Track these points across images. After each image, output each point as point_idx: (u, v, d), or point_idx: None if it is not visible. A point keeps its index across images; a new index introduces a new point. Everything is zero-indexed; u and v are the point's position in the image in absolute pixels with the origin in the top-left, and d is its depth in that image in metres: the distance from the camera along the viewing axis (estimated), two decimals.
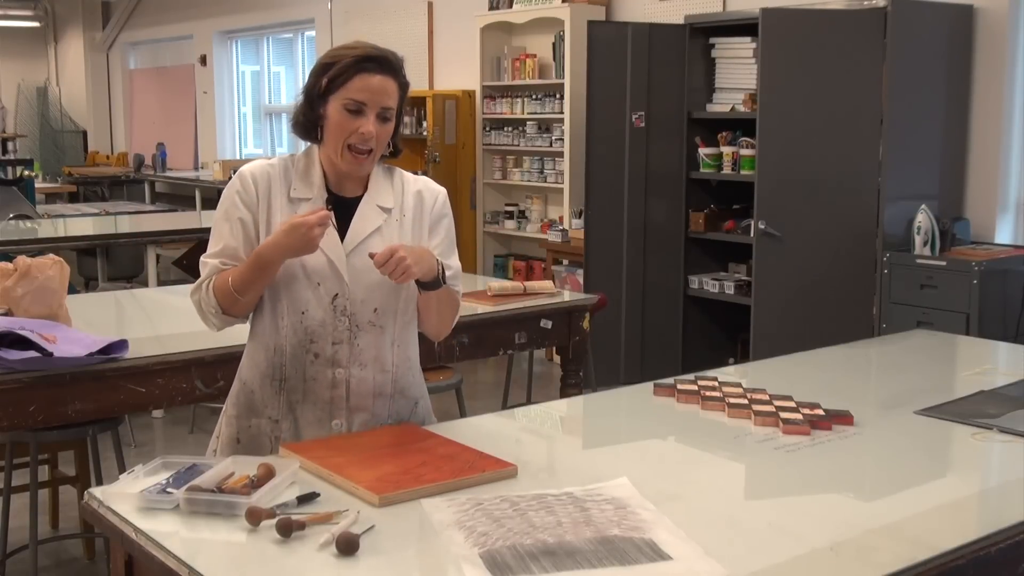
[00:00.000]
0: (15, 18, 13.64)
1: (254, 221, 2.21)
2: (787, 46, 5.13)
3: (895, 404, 2.63)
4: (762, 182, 5.22)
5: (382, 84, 2.16)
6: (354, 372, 2.24)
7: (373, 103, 2.15)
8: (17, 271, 3.08)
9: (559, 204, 7.15)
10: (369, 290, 2.21)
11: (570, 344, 4.03)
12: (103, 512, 1.87)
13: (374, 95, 2.15)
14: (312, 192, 2.23)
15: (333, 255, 2.19)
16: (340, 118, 2.15)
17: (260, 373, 2.26)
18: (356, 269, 2.20)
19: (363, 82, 2.14)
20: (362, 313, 2.22)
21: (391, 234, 2.24)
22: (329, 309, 2.20)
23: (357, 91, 2.14)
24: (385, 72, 2.17)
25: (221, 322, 2.24)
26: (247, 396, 2.29)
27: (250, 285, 2.16)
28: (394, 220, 2.26)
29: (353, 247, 2.21)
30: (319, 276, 2.19)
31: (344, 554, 1.66)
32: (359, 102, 2.14)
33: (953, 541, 1.75)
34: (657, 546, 1.70)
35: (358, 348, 2.23)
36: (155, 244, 6.29)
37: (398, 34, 8.34)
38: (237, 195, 2.22)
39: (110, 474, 3.45)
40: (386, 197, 2.27)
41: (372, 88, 2.14)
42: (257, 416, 2.27)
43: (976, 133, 5.15)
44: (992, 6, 5.04)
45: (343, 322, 2.21)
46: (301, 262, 2.17)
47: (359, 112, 2.14)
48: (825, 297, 5.17)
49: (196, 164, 11.79)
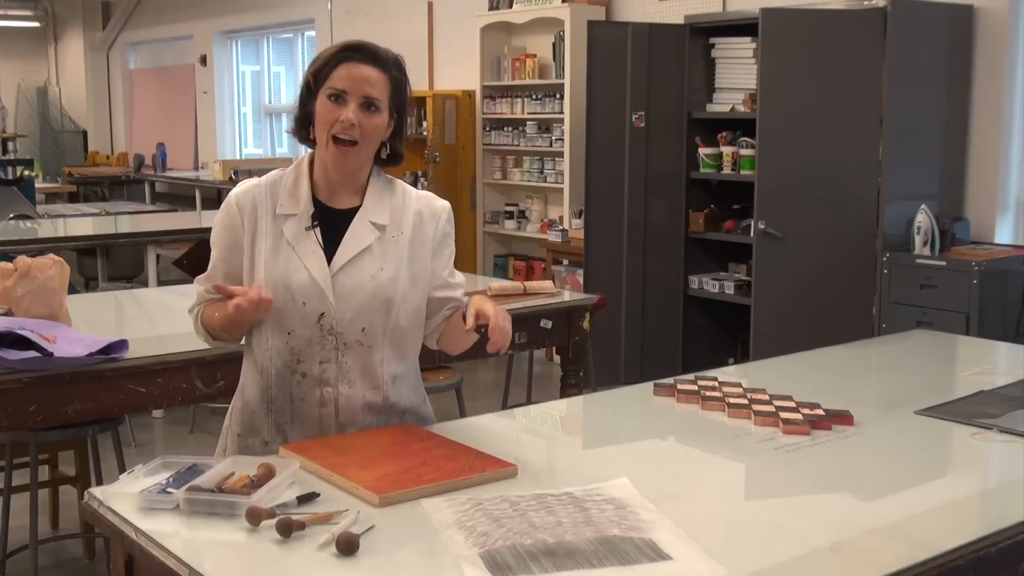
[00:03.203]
0: (15, 18, 13.65)
1: (239, 247, 2.19)
2: (787, 46, 5.13)
3: (895, 404, 2.63)
4: (762, 182, 5.22)
5: (363, 73, 2.12)
6: (342, 390, 2.20)
7: (355, 91, 2.11)
8: (17, 271, 3.08)
9: (559, 204, 7.15)
10: (357, 310, 2.16)
11: (570, 344, 4.03)
12: (103, 512, 1.87)
13: (355, 83, 2.11)
14: (299, 207, 2.18)
15: (318, 274, 2.15)
16: (323, 109, 2.12)
17: (259, 392, 2.24)
18: (344, 288, 2.16)
19: (345, 70, 2.11)
20: (349, 332, 2.17)
21: (384, 253, 2.18)
22: (315, 328, 2.16)
23: (339, 79, 2.11)
24: (369, 62, 2.13)
25: (214, 346, 2.32)
26: (249, 415, 2.26)
27: (223, 333, 2.23)
28: (389, 237, 2.20)
29: (341, 266, 2.16)
30: (304, 295, 2.15)
31: (344, 554, 1.66)
32: (340, 90, 2.11)
33: (953, 541, 1.75)
34: (657, 546, 1.70)
35: (346, 366, 2.19)
36: (155, 244, 6.29)
37: (398, 34, 8.35)
38: (223, 223, 2.22)
39: (110, 474, 3.45)
40: (382, 212, 2.21)
41: (353, 76, 2.11)
42: (256, 436, 2.25)
43: (976, 133, 5.15)
44: (992, 6, 5.04)
45: (330, 341, 2.17)
46: (285, 283, 2.15)
47: (341, 100, 2.11)
48: (825, 297, 5.17)
49: (196, 164, 11.79)
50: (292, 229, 2.17)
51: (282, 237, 2.17)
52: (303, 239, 2.17)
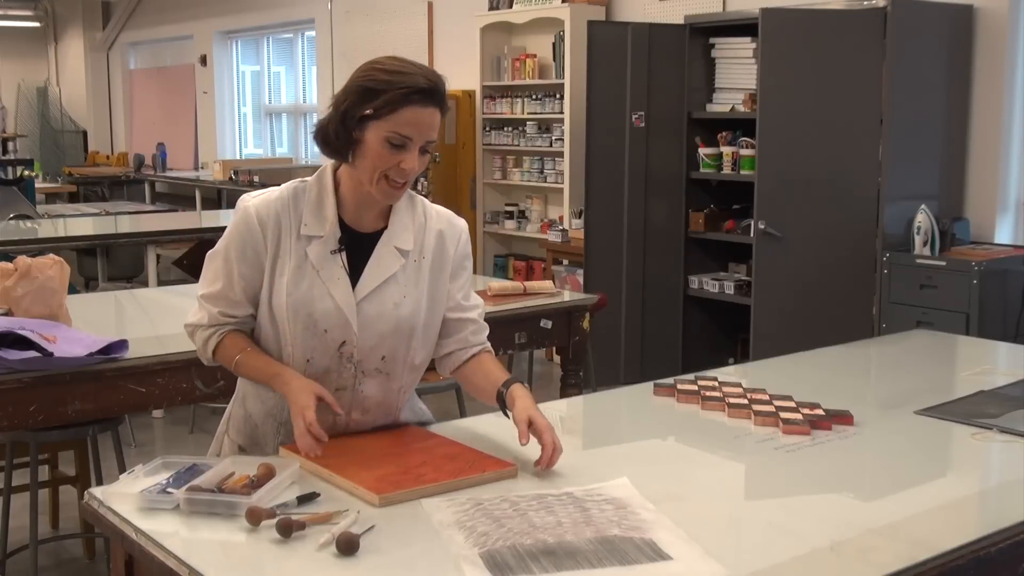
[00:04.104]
0: (15, 18, 13.65)
1: (260, 263, 2.08)
2: (787, 46, 5.13)
3: (895, 404, 2.63)
4: (762, 182, 5.22)
5: (430, 117, 2.00)
6: (355, 416, 2.17)
7: (419, 138, 1.99)
8: (17, 271, 3.08)
9: (559, 204, 7.15)
10: (380, 338, 2.10)
11: (570, 344, 4.03)
12: (103, 512, 1.87)
13: (420, 130, 1.99)
14: (324, 229, 2.07)
15: (343, 302, 2.07)
16: (382, 150, 1.99)
17: (265, 410, 2.20)
18: (367, 317, 2.08)
19: (412, 115, 1.97)
20: (369, 360, 2.12)
21: (407, 280, 2.11)
22: (335, 356, 2.10)
23: (404, 125, 1.97)
24: (434, 104, 2.00)
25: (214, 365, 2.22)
26: (251, 428, 2.23)
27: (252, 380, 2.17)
28: (412, 263, 2.13)
29: (365, 294, 2.08)
30: (326, 323, 2.07)
31: (344, 554, 1.66)
32: (405, 136, 1.98)
33: (953, 541, 1.75)
34: (657, 546, 1.70)
35: (361, 395, 2.15)
36: (155, 244, 6.29)
37: (398, 34, 8.35)
38: (242, 237, 2.08)
39: (110, 474, 3.45)
40: (406, 237, 2.13)
41: (419, 123, 1.98)
42: (259, 450, 2.22)
43: (976, 133, 5.15)
44: (992, 6, 5.04)
45: (348, 368, 2.11)
46: (308, 309, 2.06)
47: (403, 147, 1.99)
48: (825, 297, 5.17)
49: (196, 164, 11.79)
50: (316, 252, 2.07)
51: (306, 260, 2.07)
52: (328, 264, 2.08)
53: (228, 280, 2.10)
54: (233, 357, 2.12)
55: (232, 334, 2.14)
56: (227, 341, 2.13)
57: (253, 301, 2.12)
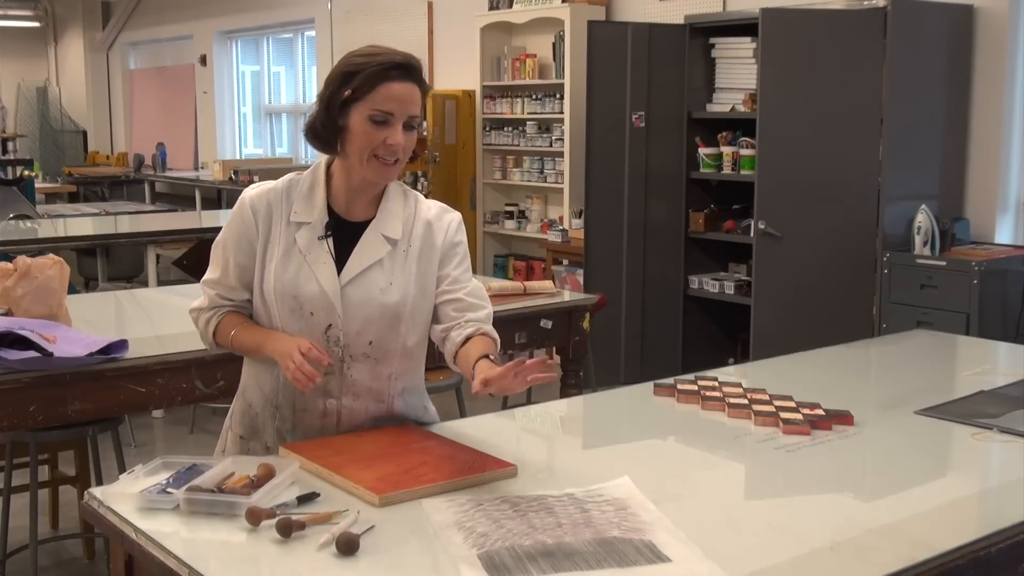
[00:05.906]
0: (15, 18, 13.64)
1: (252, 251, 2.17)
2: (787, 46, 5.13)
3: (895, 404, 2.63)
4: (762, 182, 5.22)
5: (408, 92, 2.07)
6: (346, 402, 2.20)
7: (400, 112, 2.06)
8: (17, 271, 3.08)
9: (559, 204, 7.14)
10: (364, 323, 2.14)
11: (570, 344, 4.03)
12: (103, 512, 1.87)
13: (401, 104, 2.06)
14: (313, 216, 2.15)
15: (328, 286, 2.13)
16: (365, 129, 2.06)
17: (263, 397, 2.24)
18: (352, 301, 2.14)
19: (389, 91, 2.05)
20: (356, 345, 2.16)
21: (393, 267, 2.16)
22: (322, 339, 2.13)
23: (383, 100, 2.05)
24: (410, 79, 2.08)
25: (217, 351, 2.30)
26: (252, 418, 2.26)
27: (247, 355, 2.24)
28: (399, 252, 2.17)
29: (350, 278, 2.14)
30: (312, 306, 2.13)
31: (344, 554, 1.66)
32: (386, 112, 2.05)
33: (953, 541, 1.75)
34: (656, 548, 1.69)
35: (350, 379, 2.18)
36: (155, 244, 6.29)
37: (398, 34, 8.34)
38: (237, 227, 2.18)
39: (110, 474, 3.45)
40: (394, 225, 2.18)
41: (399, 97, 2.06)
42: (258, 439, 2.25)
43: (976, 133, 5.15)
44: (992, 6, 5.04)
45: (336, 352, 2.15)
46: (294, 292, 2.13)
47: (385, 123, 2.06)
48: (825, 297, 5.17)
49: (196, 164, 11.79)
50: (304, 238, 2.15)
51: (294, 245, 2.15)
52: (315, 249, 2.14)
53: (225, 267, 2.21)
54: (229, 334, 2.20)
55: (230, 314, 2.23)
56: (224, 320, 2.23)
57: (249, 287, 2.20)
